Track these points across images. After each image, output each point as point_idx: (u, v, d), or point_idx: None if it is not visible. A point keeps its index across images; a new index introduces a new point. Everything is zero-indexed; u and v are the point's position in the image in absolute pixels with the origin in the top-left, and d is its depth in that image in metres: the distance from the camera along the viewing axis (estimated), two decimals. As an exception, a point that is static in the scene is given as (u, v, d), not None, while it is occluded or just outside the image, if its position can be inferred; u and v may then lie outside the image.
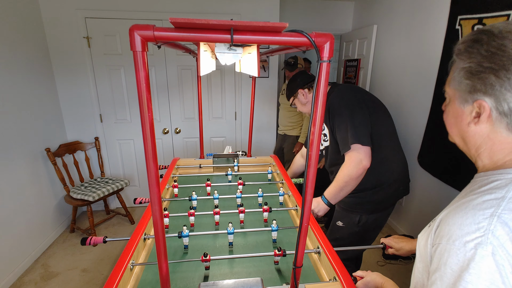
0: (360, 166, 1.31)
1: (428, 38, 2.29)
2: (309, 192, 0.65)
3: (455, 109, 0.58)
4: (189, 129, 3.18)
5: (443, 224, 0.55)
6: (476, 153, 0.59)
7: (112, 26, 2.72)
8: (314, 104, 0.59)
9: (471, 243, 0.49)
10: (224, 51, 0.62)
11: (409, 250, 1.05)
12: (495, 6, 1.69)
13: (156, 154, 0.59)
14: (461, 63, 0.55)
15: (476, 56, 0.52)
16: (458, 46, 0.57)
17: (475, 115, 0.54)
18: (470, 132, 0.57)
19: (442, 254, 0.53)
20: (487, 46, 0.50)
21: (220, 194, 1.47)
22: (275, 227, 1.14)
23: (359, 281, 0.87)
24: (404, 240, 1.08)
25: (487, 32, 0.52)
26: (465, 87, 0.54)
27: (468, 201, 0.54)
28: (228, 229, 1.11)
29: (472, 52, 0.53)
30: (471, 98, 0.53)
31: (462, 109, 0.56)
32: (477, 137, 0.56)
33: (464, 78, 0.54)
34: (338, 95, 1.43)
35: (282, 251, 0.97)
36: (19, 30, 2.31)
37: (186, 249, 1.12)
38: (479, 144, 0.57)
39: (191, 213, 1.23)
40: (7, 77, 2.17)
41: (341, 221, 1.56)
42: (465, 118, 0.56)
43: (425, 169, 2.38)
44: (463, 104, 0.56)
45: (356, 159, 1.32)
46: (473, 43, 0.53)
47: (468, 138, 0.58)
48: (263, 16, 2.94)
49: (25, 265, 2.32)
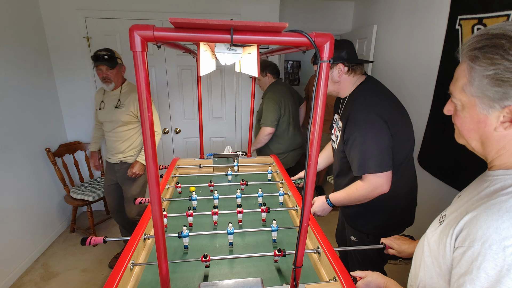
0: (378, 191, 1.22)
1: (428, 38, 2.29)
2: (309, 192, 0.65)
3: (475, 115, 0.58)
4: (189, 129, 3.18)
5: (473, 227, 0.54)
6: (497, 154, 0.59)
7: (112, 26, 2.72)
8: (314, 104, 0.59)
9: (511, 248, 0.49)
10: (224, 51, 0.62)
11: (410, 253, 1.01)
12: (495, 6, 1.69)
13: (156, 154, 0.59)
14: (481, 70, 0.54)
15: (502, 62, 0.51)
16: (472, 52, 0.55)
17: (504, 120, 0.54)
18: (496, 136, 0.57)
19: (475, 258, 0.52)
20: None
21: (220, 194, 1.47)
22: (275, 227, 1.14)
23: (359, 281, 0.86)
24: (406, 243, 1.05)
25: (504, 36, 0.51)
26: (493, 94, 0.53)
27: (499, 202, 0.53)
28: (228, 229, 1.11)
29: (495, 58, 0.51)
30: (499, 104, 0.53)
31: (486, 115, 0.56)
32: (502, 140, 0.57)
33: (490, 85, 0.53)
34: (364, 103, 1.25)
35: (282, 252, 0.97)
36: (19, 30, 2.31)
37: (186, 249, 1.12)
38: (502, 146, 0.57)
39: (189, 213, 1.23)
40: (7, 77, 2.16)
41: (353, 236, 1.52)
42: (490, 124, 0.56)
43: (425, 169, 2.38)
44: (488, 110, 0.55)
45: (375, 184, 1.21)
46: (492, 49, 0.52)
47: (491, 141, 0.58)
48: (263, 16, 2.94)
49: (25, 265, 2.32)
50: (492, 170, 0.61)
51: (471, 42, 0.56)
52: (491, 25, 0.56)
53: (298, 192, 1.46)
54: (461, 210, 0.61)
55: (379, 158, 1.18)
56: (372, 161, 1.19)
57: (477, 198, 0.60)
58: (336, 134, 1.41)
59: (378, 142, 1.19)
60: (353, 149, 1.24)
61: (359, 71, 1.33)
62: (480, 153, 0.64)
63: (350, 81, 1.33)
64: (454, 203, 0.71)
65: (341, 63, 1.29)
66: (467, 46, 0.57)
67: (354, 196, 1.28)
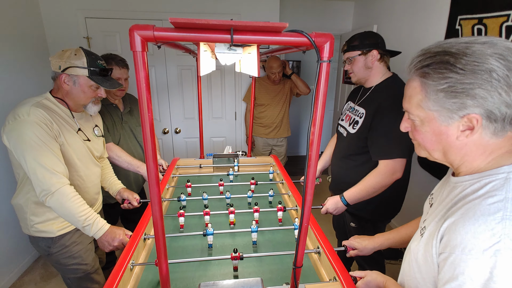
0: (394, 177, 1.29)
1: (428, 38, 2.29)
2: (309, 192, 0.65)
3: (436, 127, 0.60)
4: (189, 129, 3.18)
5: (452, 233, 0.56)
6: (462, 160, 0.62)
7: (112, 26, 2.72)
8: (314, 104, 0.59)
9: (490, 250, 0.50)
10: (224, 51, 0.62)
11: (372, 248, 1.05)
12: (495, 6, 1.69)
13: (156, 154, 0.59)
14: (435, 85, 0.56)
15: (452, 76, 0.54)
16: (422, 70, 0.58)
17: (465, 128, 0.57)
18: (458, 145, 0.59)
19: (458, 264, 0.53)
20: (460, 65, 0.53)
21: (218, 195, 1.47)
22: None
23: (359, 281, 0.87)
24: (366, 238, 1.07)
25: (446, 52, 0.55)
26: (451, 106, 0.56)
27: (473, 206, 0.55)
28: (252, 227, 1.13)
29: (444, 73, 0.55)
30: (458, 114, 0.56)
31: (447, 126, 0.59)
32: (464, 147, 0.59)
33: (447, 98, 0.56)
34: (395, 94, 1.33)
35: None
36: (19, 30, 2.31)
37: (210, 249, 1.12)
38: (464, 153, 0.60)
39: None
40: (7, 77, 2.16)
41: (353, 223, 1.58)
42: (451, 134, 0.59)
43: (425, 169, 2.38)
44: (447, 121, 0.58)
45: (392, 169, 1.28)
46: (440, 65, 0.55)
47: (453, 150, 0.61)
48: (263, 16, 2.94)
49: (25, 265, 2.32)
50: (460, 176, 0.63)
51: (416, 62, 0.60)
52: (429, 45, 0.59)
53: (299, 192, 1.46)
54: (438, 218, 0.63)
55: (403, 145, 1.26)
56: (397, 148, 1.27)
57: (451, 204, 0.62)
58: (354, 119, 1.46)
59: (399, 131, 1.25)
60: (381, 135, 1.31)
61: (387, 63, 1.43)
62: (443, 162, 0.66)
63: (380, 70, 1.41)
64: (428, 212, 0.73)
65: (375, 50, 1.36)
66: (413, 65, 0.60)
67: (370, 185, 1.33)
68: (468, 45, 0.54)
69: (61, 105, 1.27)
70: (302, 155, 5.27)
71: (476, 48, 0.53)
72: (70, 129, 1.28)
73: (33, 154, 1.11)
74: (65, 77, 1.21)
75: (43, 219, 1.27)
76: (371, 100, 1.39)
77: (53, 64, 1.20)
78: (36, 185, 1.14)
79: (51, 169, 1.14)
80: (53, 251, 1.30)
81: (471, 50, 0.53)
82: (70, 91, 1.25)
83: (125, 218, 2.07)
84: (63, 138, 1.23)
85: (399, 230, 1.02)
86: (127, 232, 1.25)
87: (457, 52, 0.54)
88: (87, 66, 1.20)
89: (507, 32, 1.63)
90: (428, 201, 0.78)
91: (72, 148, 1.27)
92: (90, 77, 1.22)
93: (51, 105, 1.24)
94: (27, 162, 1.12)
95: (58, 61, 1.19)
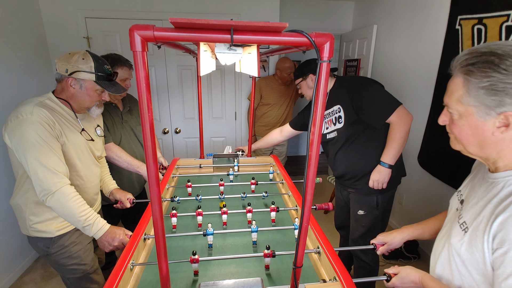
0: (409, 120, 1.47)
1: (428, 38, 2.29)
2: (309, 192, 0.65)
3: (473, 122, 0.64)
4: (189, 129, 3.18)
5: (509, 228, 0.59)
6: (498, 155, 0.65)
7: (112, 26, 2.72)
8: (314, 104, 0.59)
9: None
10: (224, 51, 0.62)
11: (401, 239, 1.06)
12: (495, 6, 1.69)
13: (156, 154, 0.59)
14: (477, 82, 0.61)
15: (495, 75, 0.58)
16: (466, 68, 0.62)
17: (500, 125, 0.61)
18: (494, 140, 0.63)
19: None
20: (504, 65, 0.57)
21: (218, 195, 1.47)
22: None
23: (393, 278, 0.86)
24: (393, 231, 1.08)
25: (492, 53, 0.59)
26: (490, 103, 0.60)
27: None
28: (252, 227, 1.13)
29: (488, 72, 0.59)
30: (495, 111, 0.60)
31: (483, 121, 0.63)
32: (500, 143, 0.63)
33: (487, 95, 0.60)
34: (350, 78, 1.61)
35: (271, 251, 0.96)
36: (19, 30, 2.31)
37: (210, 249, 1.12)
38: (501, 148, 0.64)
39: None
40: (7, 77, 2.16)
41: (361, 210, 1.67)
42: (487, 129, 0.63)
43: (425, 169, 2.38)
44: (484, 117, 0.62)
45: (401, 116, 1.45)
46: (485, 64, 0.59)
47: (489, 144, 0.65)
48: (263, 16, 2.94)
49: (25, 265, 2.32)
50: (498, 172, 0.66)
51: (462, 60, 0.64)
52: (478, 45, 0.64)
53: (299, 192, 1.46)
54: (484, 214, 0.66)
55: (391, 98, 1.49)
56: (390, 102, 1.47)
57: (497, 200, 0.64)
58: (336, 117, 1.65)
59: (383, 90, 1.53)
60: (371, 105, 1.50)
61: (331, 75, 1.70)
62: (478, 156, 0.69)
63: None
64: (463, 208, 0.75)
65: (311, 73, 1.68)
66: (459, 63, 0.65)
67: (400, 137, 1.47)
68: None
69: (64, 106, 1.27)
70: (302, 155, 5.27)
71: None
72: (73, 129, 1.28)
73: (35, 153, 1.11)
74: (71, 80, 1.21)
75: (42, 219, 1.26)
76: (335, 97, 1.62)
77: (59, 67, 1.20)
78: (37, 184, 1.14)
79: (52, 169, 1.14)
80: (52, 251, 1.30)
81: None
82: (76, 94, 1.25)
83: (126, 218, 2.07)
84: (64, 138, 1.22)
85: (427, 222, 1.05)
86: (127, 232, 1.25)
87: (503, 53, 0.58)
88: (94, 71, 1.20)
89: (507, 32, 1.63)
90: (456, 198, 0.81)
91: (74, 148, 1.27)
92: (97, 82, 1.22)
93: (54, 105, 1.23)
94: (28, 161, 1.12)
95: (65, 65, 1.19)
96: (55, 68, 1.21)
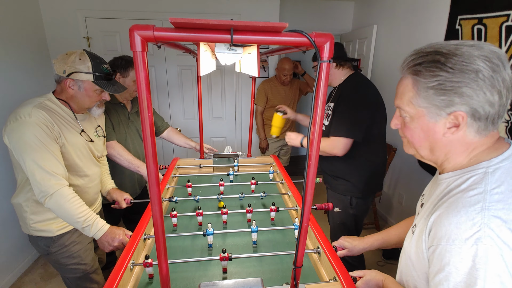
0: (333, 152, 1.57)
1: (428, 38, 2.29)
2: (309, 192, 0.65)
3: (424, 124, 0.63)
4: (189, 129, 3.18)
5: (438, 226, 0.58)
6: (445, 157, 0.65)
7: (112, 26, 2.72)
8: (314, 104, 0.59)
9: (471, 239, 0.52)
10: (224, 51, 0.62)
11: (362, 249, 1.06)
12: (495, 6, 1.69)
13: (156, 154, 0.59)
14: (425, 82, 0.59)
15: (442, 74, 0.57)
16: (414, 68, 0.61)
17: (451, 126, 0.60)
18: (444, 141, 0.62)
19: (444, 255, 0.55)
20: (450, 64, 0.56)
21: (218, 195, 1.47)
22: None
23: (359, 281, 0.87)
24: (356, 239, 1.08)
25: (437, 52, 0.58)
26: (439, 103, 0.59)
27: (456, 199, 0.58)
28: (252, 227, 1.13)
29: (435, 71, 0.58)
30: (445, 111, 0.59)
31: (434, 122, 0.61)
32: (449, 144, 0.62)
33: (436, 95, 0.59)
34: (352, 85, 1.62)
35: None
36: (19, 30, 2.31)
37: (210, 248, 1.12)
38: (448, 150, 0.63)
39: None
40: (7, 77, 2.16)
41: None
42: (438, 131, 0.62)
43: (424, 169, 2.38)
44: (435, 118, 0.61)
45: (334, 144, 1.56)
46: (431, 64, 0.58)
47: (439, 147, 0.64)
48: (263, 16, 2.94)
49: (25, 265, 2.32)
50: (444, 173, 0.66)
51: (409, 61, 0.63)
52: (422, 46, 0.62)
53: (299, 192, 1.46)
54: (426, 214, 0.66)
55: (354, 127, 1.52)
56: (342, 129, 1.53)
57: (437, 200, 0.65)
58: (327, 113, 1.73)
59: (355, 116, 1.53)
60: (338, 117, 1.59)
61: (347, 66, 1.68)
62: (429, 159, 0.69)
63: (340, 73, 1.68)
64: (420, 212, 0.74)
65: None
66: (406, 64, 0.63)
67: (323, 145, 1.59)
68: (457, 47, 0.57)
69: (64, 107, 1.26)
70: (302, 155, 5.27)
71: (465, 49, 0.56)
72: (73, 130, 1.28)
73: (33, 155, 1.11)
74: (70, 82, 1.20)
75: (42, 218, 1.26)
76: (337, 95, 1.66)
77: (57, 68, 1.19)
78: (35, 186, 1.14)
79: (50, 171, 1.13)
80: (52, 251, 1.30)
81: (460, 51, 0.56)
82: (75, 95, 1.24)
83: (127, 218, 2.07)
84: (63, 139, 1.22)
85: (389, 231, 1.04)
86: (127, 232, 1.24)
87: (447, 52, 0.57)
88: (92, 71, 1.19)
89: (507, 32, 1.63)
90: (419, 201, 0.80)
91: (73, 149, 1.27)
92: (95, 82, 1.21)
93: (53, 106, 1.23)
94: (26, 163, 1.11)
95: (63, 66, 1.17)
96: (54, 69, 1.21)
